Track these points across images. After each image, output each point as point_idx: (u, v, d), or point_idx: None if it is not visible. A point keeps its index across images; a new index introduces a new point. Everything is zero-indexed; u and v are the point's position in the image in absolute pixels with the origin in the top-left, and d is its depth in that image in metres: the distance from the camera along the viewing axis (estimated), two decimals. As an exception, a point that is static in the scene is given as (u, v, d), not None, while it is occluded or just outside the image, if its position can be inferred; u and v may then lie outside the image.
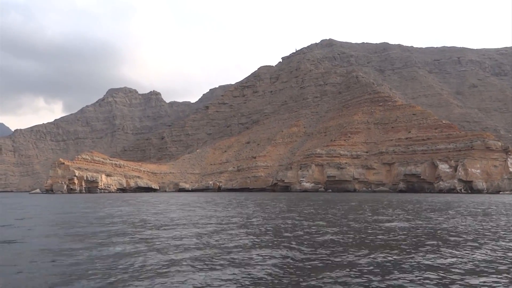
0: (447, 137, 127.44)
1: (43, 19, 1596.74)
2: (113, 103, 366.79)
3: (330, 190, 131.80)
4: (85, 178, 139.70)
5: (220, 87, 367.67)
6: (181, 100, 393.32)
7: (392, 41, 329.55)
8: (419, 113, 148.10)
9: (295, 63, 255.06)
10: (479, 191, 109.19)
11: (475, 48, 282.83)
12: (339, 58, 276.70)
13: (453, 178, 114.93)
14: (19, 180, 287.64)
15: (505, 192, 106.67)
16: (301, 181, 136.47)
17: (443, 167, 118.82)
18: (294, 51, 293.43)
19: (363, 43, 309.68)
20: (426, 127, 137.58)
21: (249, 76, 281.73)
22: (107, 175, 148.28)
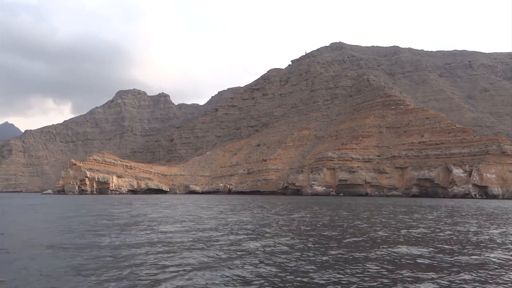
0: (461, 141, 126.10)
1: (53, 20, 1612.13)
2: (122, 104, 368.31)
3: (341, 194, 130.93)
4: (96, 179, 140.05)
5: (229, 89, 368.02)
6: (189, 102, 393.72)
7: (402, 45, 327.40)
8: (432, 117, 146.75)
9: (305, 66, 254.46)
10: (494, 197, 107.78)
11: (486, 52, 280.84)
12: (348, 61, 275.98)
13: (467, 183, 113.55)
14: (28, 181, 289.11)
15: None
16: (312, 184, 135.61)
17: (457, 172, 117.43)
18: (304, 54, 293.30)
19: (373, 46, 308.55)
20: (440, 131, 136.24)
21: (258, 78, 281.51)
22: (118, 177, 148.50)
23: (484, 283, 11.04)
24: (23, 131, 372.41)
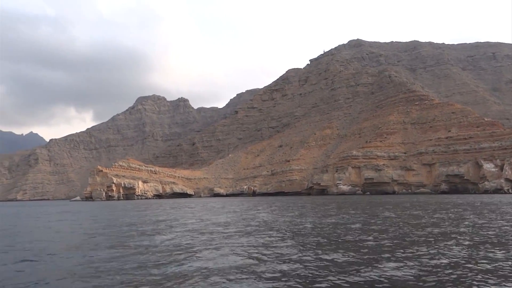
0: (490, 135, 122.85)
1: (71, 30, 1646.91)
2: (142, 110, 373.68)
3: (368, 193, 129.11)
4: (122, 185, 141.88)
5: (247, 91, 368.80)
6: (208, 106, 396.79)
7: (422, 39, 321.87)
8: (458, 111, 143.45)
9: (323, 64, 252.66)
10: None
11: (511, 43, 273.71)
12: (367, 58, 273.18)
13: (499, 177, 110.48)
14: (54, 188, 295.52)
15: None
16: (337, 184, 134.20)
17: (488, 166, 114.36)
18: (322, 52, 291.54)
19: (392, 42, 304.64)
20: (467, 126, 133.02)
21: (277, 79, 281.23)
22: (144, 182, 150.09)
23: None
24: (47, 140, 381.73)
